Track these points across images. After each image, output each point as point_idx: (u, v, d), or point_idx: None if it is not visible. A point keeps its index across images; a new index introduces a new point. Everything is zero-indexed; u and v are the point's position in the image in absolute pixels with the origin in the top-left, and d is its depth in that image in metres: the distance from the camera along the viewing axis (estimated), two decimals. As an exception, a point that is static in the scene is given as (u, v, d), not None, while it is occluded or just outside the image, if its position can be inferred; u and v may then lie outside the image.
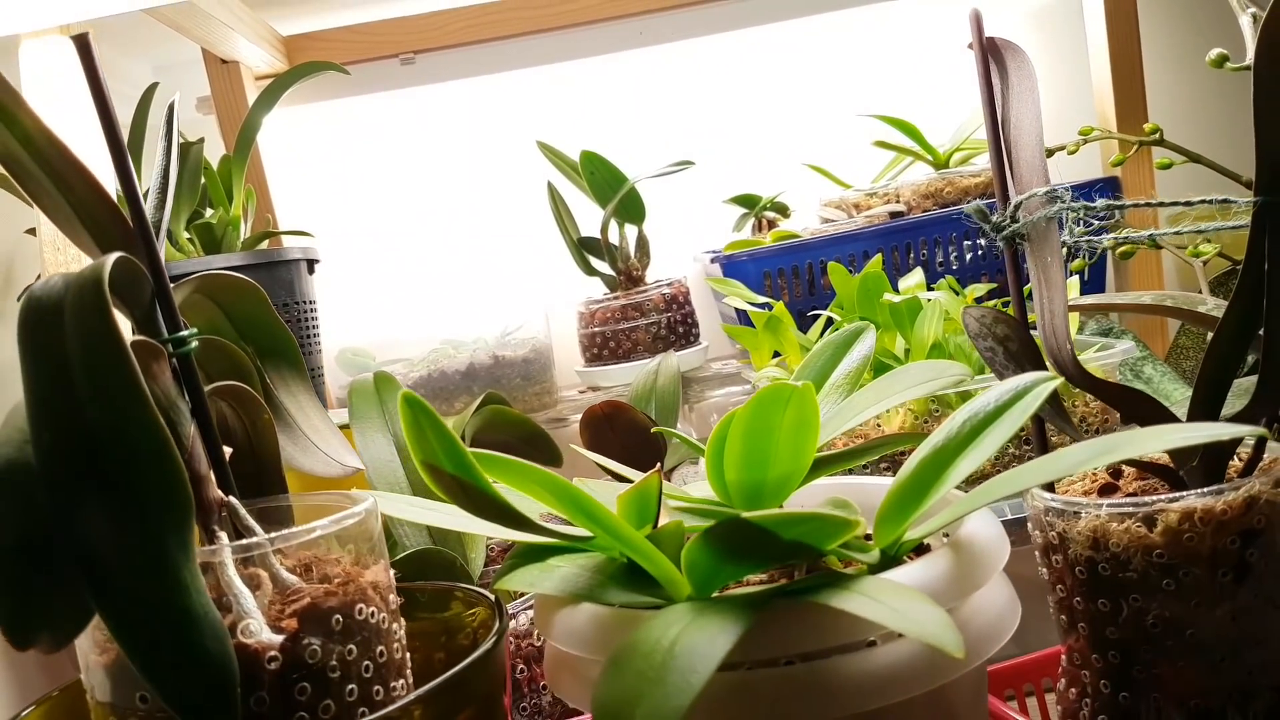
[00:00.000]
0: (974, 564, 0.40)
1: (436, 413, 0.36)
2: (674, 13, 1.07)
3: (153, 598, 0.33)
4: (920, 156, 1.09)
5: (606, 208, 1.04)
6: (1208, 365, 0.47)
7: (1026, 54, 0.52)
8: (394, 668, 0.42)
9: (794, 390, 0.39)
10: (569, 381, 1.11)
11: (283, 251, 0.78)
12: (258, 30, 0.93)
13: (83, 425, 0.33)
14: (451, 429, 0.81)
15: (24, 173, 0.39)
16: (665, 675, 0.34)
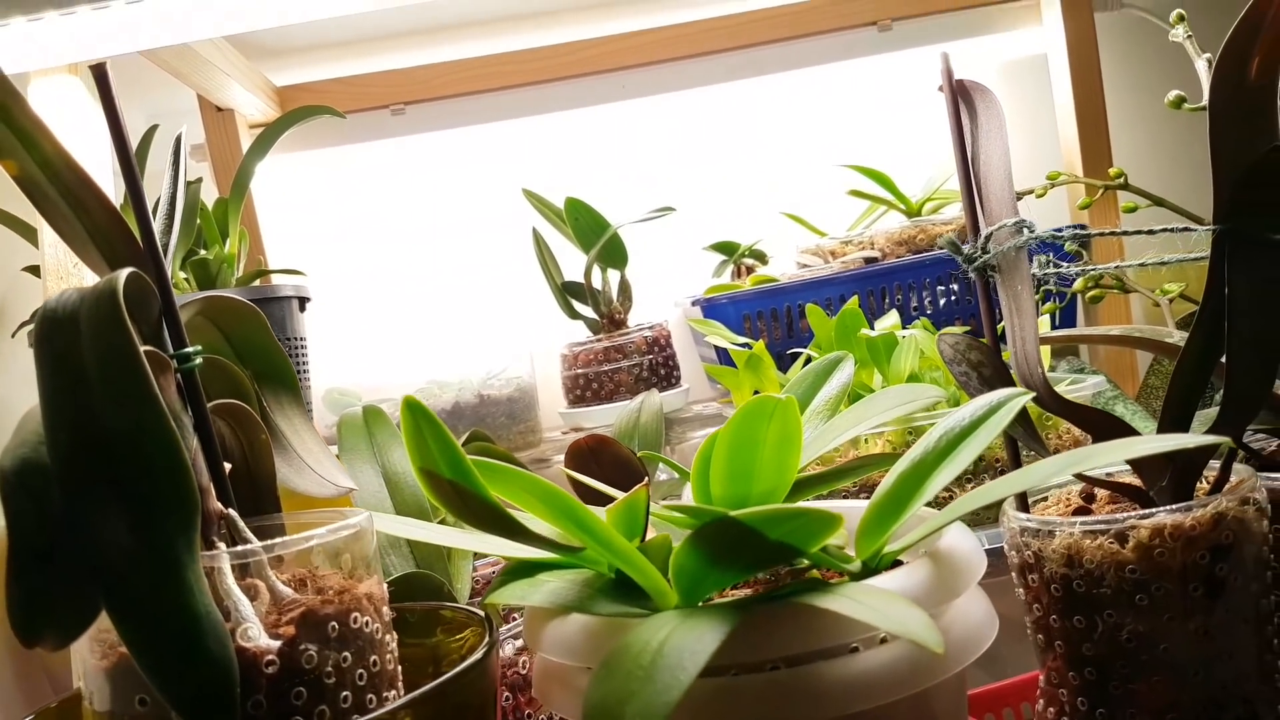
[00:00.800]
0: (951, 574, 0.42)
1: (438, 417, 0.38)
2: (654, 68, 1.11)
3: (160, 597, 0.34)
4: (893, 205, 1.12)
5: (589, 253, 1.06)
6: (1172, 392, 0.50)
7: (994, 95, 0.55)
8: (387, 678, 0.43)
9: (778, 403, 0.41)
10: (554, 424, 1.12)
11: (275, 289, 0.79)
12: (253, 80, 0.96)
13: (99, 430, 0.34)
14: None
15: (41, 195, 0.40)
16: (654, 674, 0.35)
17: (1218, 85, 0.47)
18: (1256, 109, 0.48)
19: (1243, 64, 0.47)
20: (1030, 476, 0.42)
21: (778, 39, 1.11)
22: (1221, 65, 0.47)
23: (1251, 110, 0.47)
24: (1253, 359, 0.47)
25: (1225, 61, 0.47)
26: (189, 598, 0.35)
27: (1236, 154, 0.47)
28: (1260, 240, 0.47)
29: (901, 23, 1.11)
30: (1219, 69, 0.47)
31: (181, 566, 0.35)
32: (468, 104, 1.09)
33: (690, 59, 1.11)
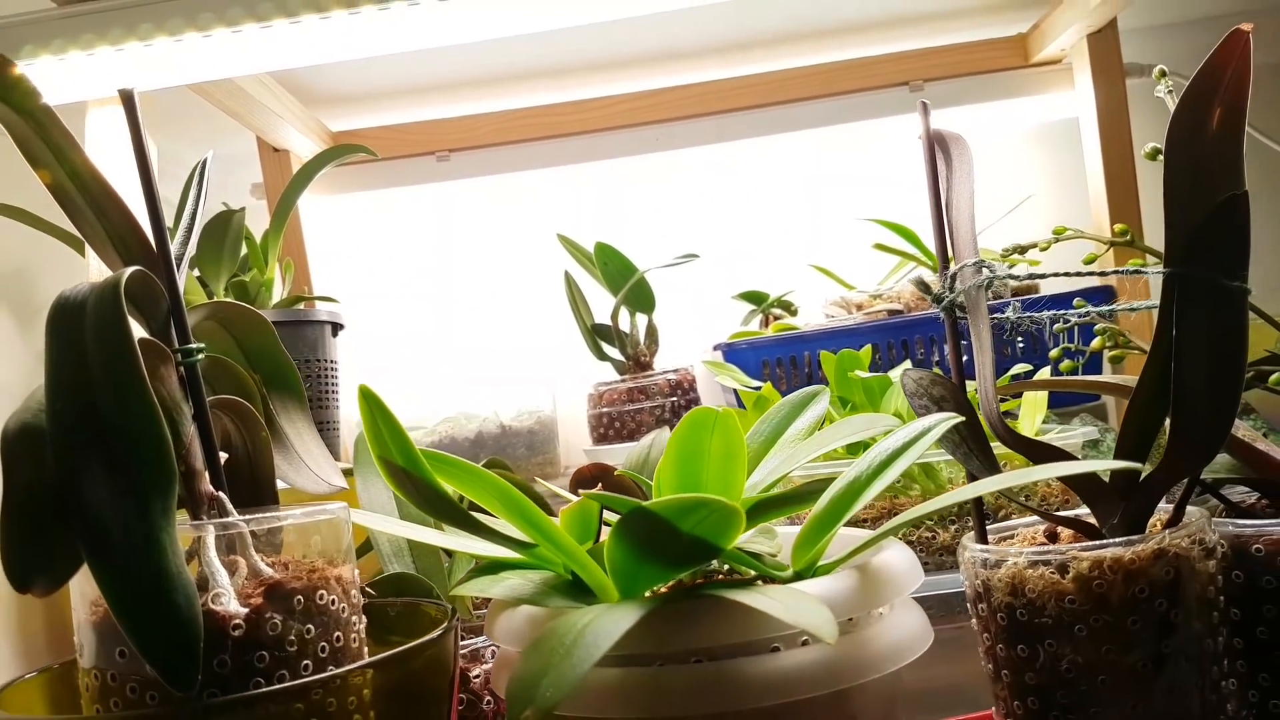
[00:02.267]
0: (875, 584, 0.44)
1: (390, 409, 0.41)
2: (687, 122, 1.16)
3: (135, 555, 0.38)
4: (919, 260, 1.14)
5: (617, 296, 1.10)
6: (1126, 428, 0.51)
7: (967, 142, 0.58)
8: (351, 654, 0.47)
9: (718, 415, 0.44)
10: (579, 461, 1.16)
11: (309, 313, 0.85)
12: (308, 124, 1.03)
13: (92, 401, 0.39)
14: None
15: (69, 201, 0.46)
16: (572, 651, 0.38)
17: (1175, 134, 0.49)
18: (1215, 158, 0.49)
19: (1202, 114, 0.49)
20: (958, 496, 0.44)
21: (810, 96, 1.15)
22: (1180, 115, 0.49)
23: (1210, 159, 0.49)
24: (1202, 401, 0.48)
25: (1184, 112, 0.49)
26: (162, 558, 0.39)
27: (1193, 201, 0.49)
28: (1214, 286, 0.48)
29: (934, 84, 1.15)
30: (1177, 119, 0.49)
31: (157, 530, 0.39)
32: (508, 152, 1.15)
33: (723, 114, 1.15)
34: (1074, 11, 1.01)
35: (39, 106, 0.43)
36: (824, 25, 1.10)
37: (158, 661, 0.39)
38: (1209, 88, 0.49)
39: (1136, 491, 0.50)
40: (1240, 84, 0.50)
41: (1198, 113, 0.49)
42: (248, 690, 0.42)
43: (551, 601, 0.46)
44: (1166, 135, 0.49)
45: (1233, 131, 0.49)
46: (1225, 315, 0.48)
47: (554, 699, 0.36)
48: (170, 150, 1.11)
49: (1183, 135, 0.49)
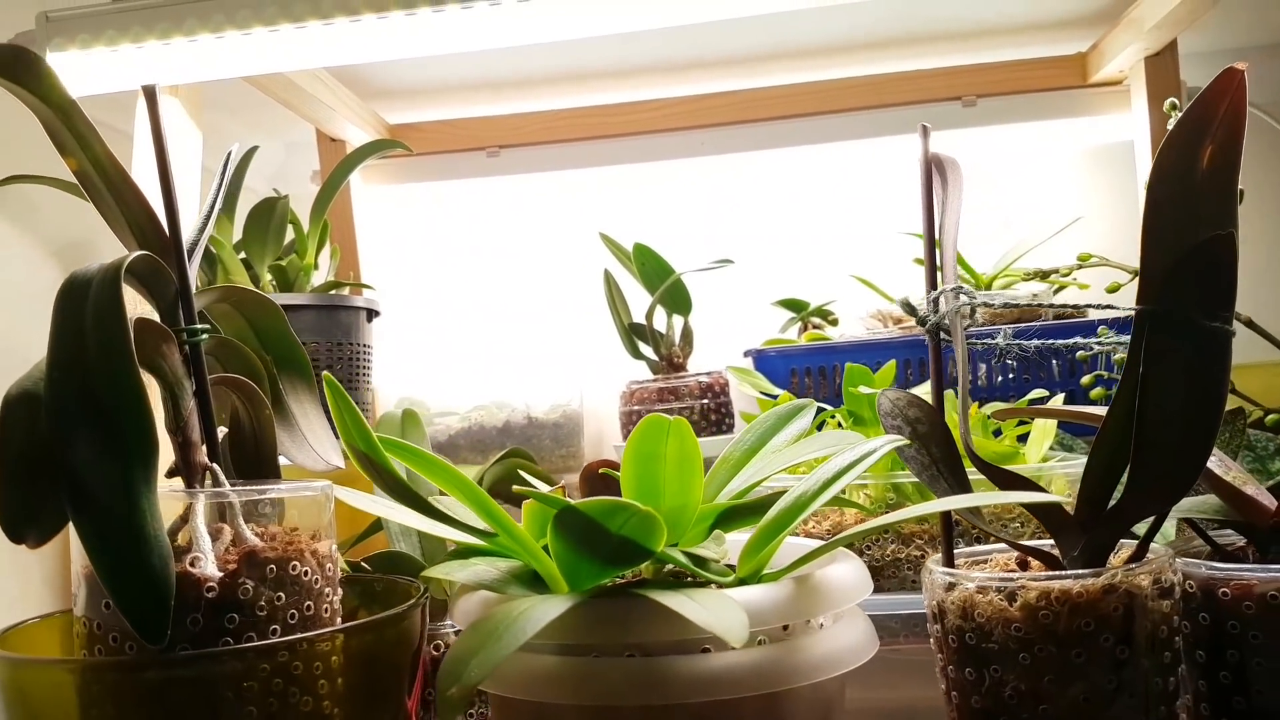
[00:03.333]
0: (812, 594, 0.45)
1: (351, 400, 0.44)
2: (736, 128, 1.17)
3: (115, 516, 0.42)
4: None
5: (653, 296, 1.12)
6: (1092, 461, 0.51)
7: (960, 167, 0.58)
8: (321, 623, 0.50)
9: (671, 422, 0.46)
10: (610, 455, 1.18)
11: (346, 299, 0.89)
12: (363, 116, 1.07)
13: (86, 375, 0.42)
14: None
15: (93, 187, 0.50)
16: (502, 635, 0.40)
17: (1160, 170, 0.49)
18: (1203, 196, 0.49)
19: (1192, 150, 0.49)
20: (899, 516, 0.45)
21: (861, 107, 1.15)
22: (1167, 151, 0.49)
23: (1197, 197, 0.49)
24: (1167, 442, 0.48)
25: (1171, 148, 0.49)
26: (141, 521, 0.42)
27: (1176, 240, 0.49)
28: (1190, 325, 0.48)
29: (987, 99, 1.14)
30: (1163, 155, 0.49)
31: (137, 495, 0.42)
32: (556, 150, 1.18)
33: (773, 121, 1.16)
34: (1131, 33, 1.00)
35: (65, 99, 0.47)
36: (878, 36, 1.10)
37: (131, 615, 0.42)
38: (1200, 125, 0.49)
39: (1099, 525, 0.51)
40: (1234, 122, 0.49)
41: (1187, 149, 0.49)
42: (218, 645, 0.45)
43: (510, 589, 0.48)
44: (1151, 169, 0.49)
45: (1224, 171, 0.49)
46: (1203, 356, 0.48)
47: (477, 678, 0.39)
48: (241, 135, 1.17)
49: (1169, 171, 0.49)
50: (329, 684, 0.48)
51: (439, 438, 1.05)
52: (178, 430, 0.50)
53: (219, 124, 1.12)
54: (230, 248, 0.84)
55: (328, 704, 0.48)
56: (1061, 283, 1.09)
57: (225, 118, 1.13)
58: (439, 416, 1.10)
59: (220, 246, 0.83)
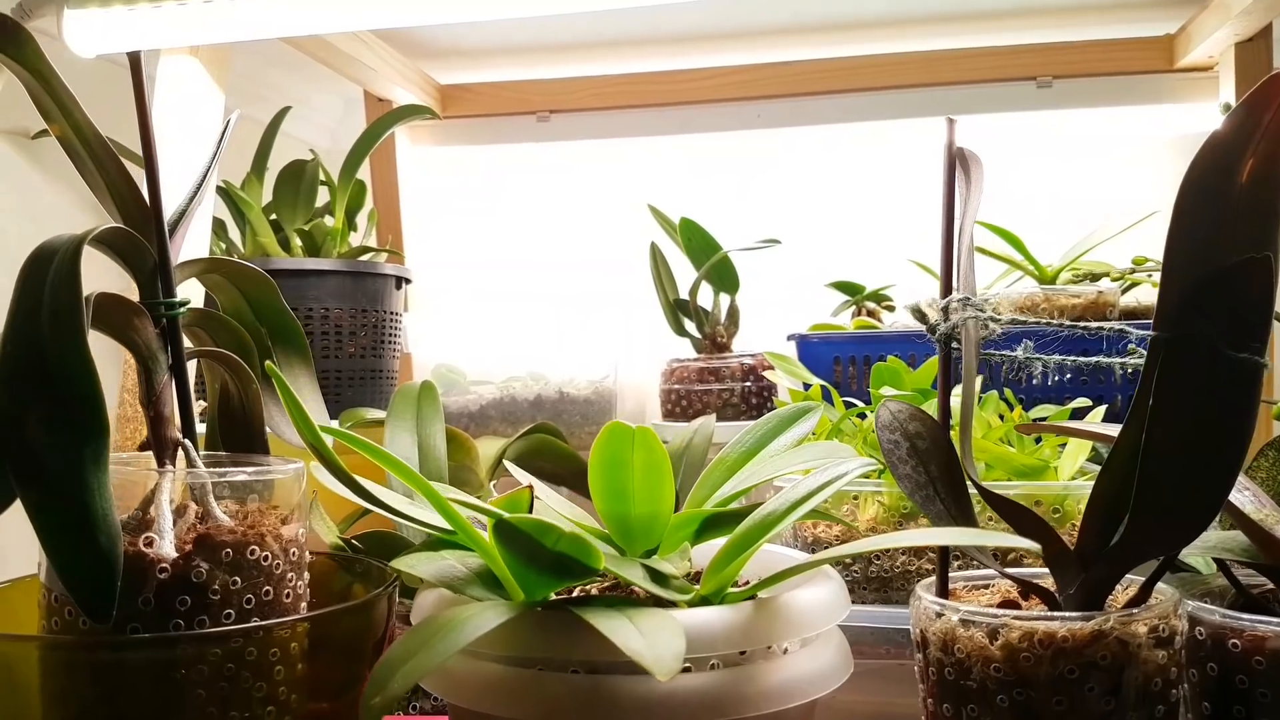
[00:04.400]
0: (773, 619, 0.42)
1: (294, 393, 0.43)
2: (794, 100, 1.12)
3: (62, 492, 0.41)
4: (1023, 268, 1.08)
5: (699, 272, 1.09)
6: (1097, 492, 0.47)
7: (982, 164, 0.54)
8: (281, 608, 0.49)
9: (636, 431, 0.43)
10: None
11: (374, 266, 0.88)
12: (409, 76, 1.06)
13: (40, 351, 0.42)
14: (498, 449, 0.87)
15: (75, 154, 0.49)
16: (437, 642, 0.39)
17: (1191, 182, 0.45)
18: (1240, 214, 0.45)
19: (1231, 162, 0.44)
20: (860, 547, 0.42)
21: (926, 84, 1.09)
22: (1200, 162, 0.45)
23: (1233, 215, 0.44)
24: (1176, 477, 0.44)
25: (1206, 158, 0.45)
26: (88, 498, 0.42)
27: (1204, 259, 0.44)
28: (1213, 354, 0.44)
29: (1064, 81, 1.07)
30: (1196, 165, 0.45)
31: (85, 473, 0.42)
32: (606, 117, 1.15)
33: (830, 95, 1.11)
34: (1221, 16, 0.92)
35: (46, 66, 0.47)
36: (946, 9, 1.04)
37: (76, 593, 0.42)
38: (1241, 134, 0.44)
39: (1098, 562, 0.47)
40: (1279, 134, 0.44)
41: (1225, 161, 0.44)
42: (168, 627, 0.45)
43: (471, 590, 0.47)
44: (1182, 180, 0.45)
45: (1266, 187, 0.44)
46: (1224, 389, 0.44)
47: (400, 690, 0.38)
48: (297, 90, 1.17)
49: (1202, 184, 0.44)
50: (286, 669, 0.48)
51: (471, 407, 1.04)
52: (150, 404, 0.50)
53: (275, 79, 1.13)
54: (259, 210, 0.84)
55: (284, 689, 0.48)
56: (1134, 279, 1.02)
57: (282, 73, 1.13)
58: (475, 385, 1.09)
59: (249, 208, 0.83)
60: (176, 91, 0.69)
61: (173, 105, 0.69)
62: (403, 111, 0.93)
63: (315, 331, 0.83)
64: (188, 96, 0.69)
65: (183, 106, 0.69)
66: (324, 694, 0.50)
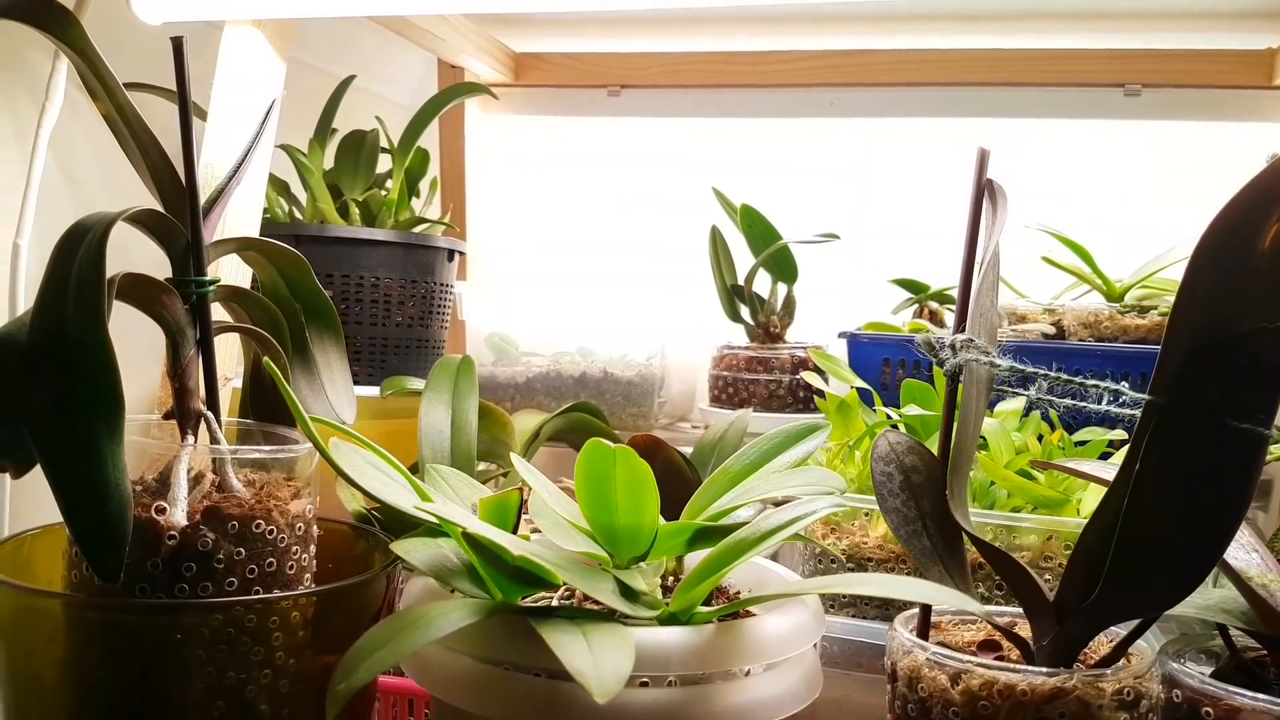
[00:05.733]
0: (733, 644, 0.43)
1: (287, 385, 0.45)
2: (867, 90, 1.10)
3: (77, 462, 0.44)
4: (1090, 282, 1.05)
5: (756, 260, 1.09)
6: (1080, 547, 0.47)
7: (1008, 200, 0.53)
8: (283, 581, 0.52)
9: (617, 450, 0.45)
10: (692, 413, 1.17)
11: (428, 238, 0.90)
12: (481, 44, 1.06)
13: (63, 322, 0.44)
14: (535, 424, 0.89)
15: (119, 132, 0.52)
16: (407, 636, 0.41)
17: (1207, 243, 0.43)
18: (1259, 281, 0.43)
19: (1249, 226, 0.43)
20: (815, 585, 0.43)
21: (1004, 83, 1.06)
22: (1220, 223, 0.43)
23: (1248, 280, 0.43)
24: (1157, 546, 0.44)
25: (1226, 219, 0.43)
26: (101, 469, 0.45)
27: (1212, 323, 0.43)
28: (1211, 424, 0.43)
29: (1154, 90, 1.02)
30: (1215, 225, 0.44)
31: (100, 444, 0.44)
32: (677, 95, 1.14)
33: (905, 87, 1.09)
34: (1324, 34, 0.87)
35: (90, 48, 0.49)
36: (1031, 7, 1.00)
37: (88, 554, 0.45)
38: (1266, 198, 0.42)
39: (1073, 618, 0.46)
40: (1312, 202, 0.42)
41: (1245, 224, 0.43)
42: (174, 589, 0.48)
43: (457, 582, 0.49)
44: (1198, 241, 0.43)
45: (1285, 254, 0.43)
46: (1220, 460, 0.43)
47: (363, 680, 0.40)
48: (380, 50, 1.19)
49: (1219, 245, 0.43)
50: (284, 635, 0.51)
51: (518, 378, 1.06)
52: (175, 376, 0.53)
53: (355, 37, 1.15)
54: (319, 176, 0.86)
55: (280, 654, 0.50)
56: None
57: (362, 31, 1.15)
58: (525, 356, 1.11)
59: (309, 174, 0.86)
60: (238, 63, 0.71)
61: (234, 76, 0.71)
62: (462, 89, 0.94)
63: (365, 299, 0.86)
64: (250, 68, 0.71)
65: (244, 78, 0.71)
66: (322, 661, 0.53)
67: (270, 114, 0.59)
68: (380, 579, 0.54)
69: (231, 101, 0.70)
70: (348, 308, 0.86)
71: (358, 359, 0.87)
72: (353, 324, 0.86)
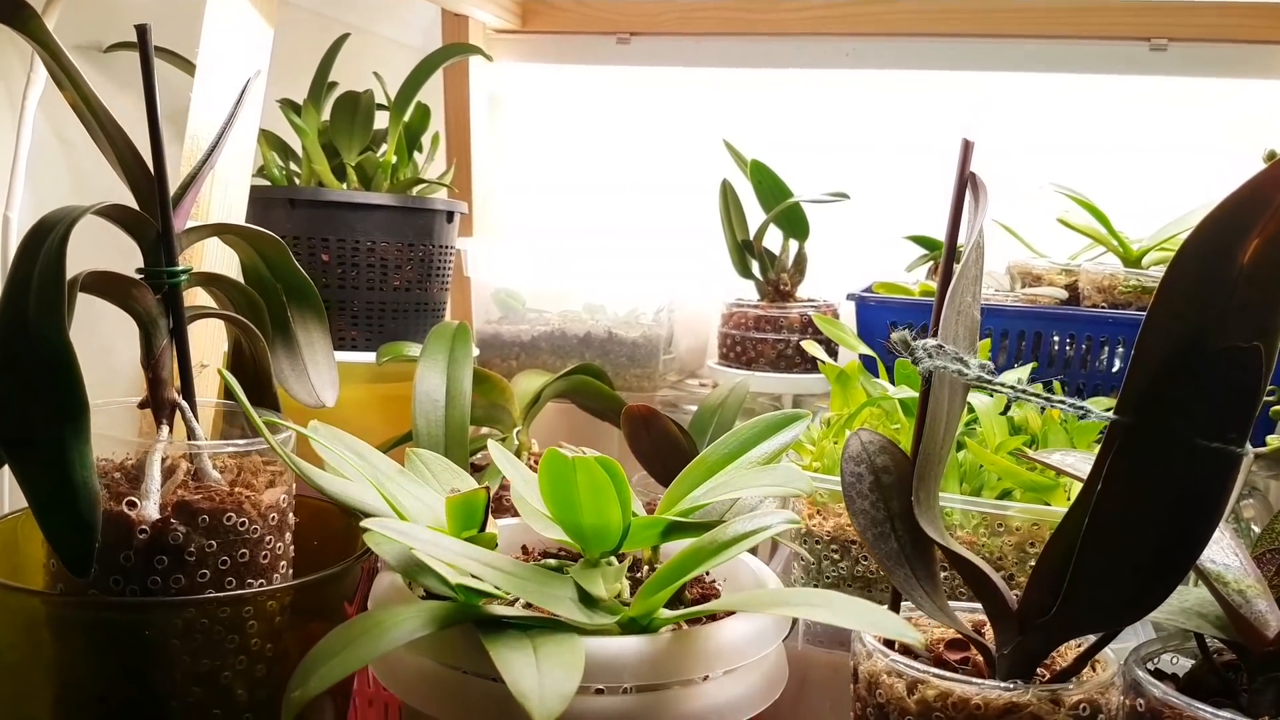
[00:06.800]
0: (689, 652, 0.44)
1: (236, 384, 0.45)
2: (885, 40, 1.06)
3: (44, 466, 0.45)
4: (1106, 243, 1.02)
5: (767, 216, 1.07)
6: (1045, 558, 0.46)
7: (988, 194, 0.52)
8: (257, 570, 0.53)
9: (576, 460, 0.44)
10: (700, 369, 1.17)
11: (426, 202, 0.89)
12: (486, -10, 1.04)
13: (26, 322, 0.45)
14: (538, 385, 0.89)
15: (87, 121, 0.51)
16: (361, 645, 0.41)
17: (1185, 254, 0.42)
18: (1237, 298, 0.41)
19: (1230, 241, 0.41)
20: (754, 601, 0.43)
21: (1025, 35, 1.02)
22: (1198, 235, 0.42)
23: (1228, 298, 0.41)
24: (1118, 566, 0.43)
25: (1204, 232, 0.41)
26: (69, 469, 0.45)
27: (1184, 339, 0.42)
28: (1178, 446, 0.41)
29: (1181, 45, 0.98)
30: (1193, 238, 0.42)
31: (65, 446, 0.45)
32: (688, 44, 1.11)
33: (923, 38, 1.05)
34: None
35: (51, 40, 0.48)
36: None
37: (58, 550, 0.46)
38: (1247, 211, 0.41)
39: (1034, 631, 0.46)
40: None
41: (1224, 237, 0.41)
42: (147, 581, 0.49)
43: (423, 578, 0.49)
44: (1177, 252, 0.42)
45: (1269, 271, 0.41)
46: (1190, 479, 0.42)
47: (315, 690, 0.40)
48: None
49: (1196, 258, 0.41)
50: (260, 624, 0.52)
51: (523, 336, 1.06)
52: (149, 367, 0.53)
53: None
54: (314, 136, 0.85)
55: (257, 641, 0.52)
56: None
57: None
58: (532, 311, 1.11)
59: (304, 135, 0.85)
60: (225, 26, 0.70)
61: (220, 41, 0.70)
62: (454, 49, 0.91)
63: (361, 264, 0.86)
64: (237, 31, 0.70)
65: (230, 43, 0.70)
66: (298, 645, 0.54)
67: (247, 92, 0.58)
68: (355, 568, 0.55)
69: (218, 67, 0.69)
70: (344, 272, 0.85)
71: (355, 324, 0.87)
72: (350, 289, 0.86)
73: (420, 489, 0.57)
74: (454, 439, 0.78)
